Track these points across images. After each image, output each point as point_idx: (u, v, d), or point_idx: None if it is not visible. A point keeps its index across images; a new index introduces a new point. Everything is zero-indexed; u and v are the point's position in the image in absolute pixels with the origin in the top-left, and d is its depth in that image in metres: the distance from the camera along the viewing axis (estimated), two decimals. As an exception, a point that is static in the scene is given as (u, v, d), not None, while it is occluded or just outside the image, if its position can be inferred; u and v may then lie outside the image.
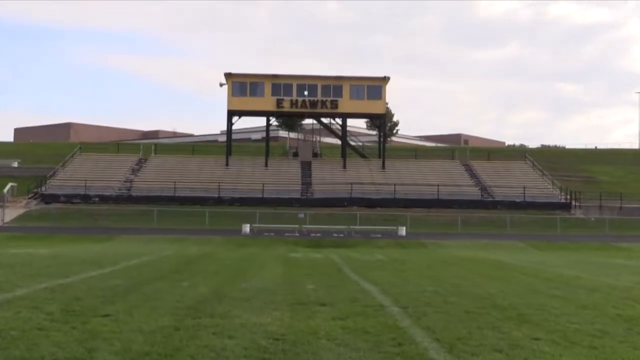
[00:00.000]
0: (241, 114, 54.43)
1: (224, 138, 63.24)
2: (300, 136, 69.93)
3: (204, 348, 6.43)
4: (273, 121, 59.11)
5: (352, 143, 58.74)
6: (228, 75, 52.91)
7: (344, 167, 53.63)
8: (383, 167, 53.66)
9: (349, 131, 57.37)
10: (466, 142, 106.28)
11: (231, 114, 53.59)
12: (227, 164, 53.66)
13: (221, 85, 53.56)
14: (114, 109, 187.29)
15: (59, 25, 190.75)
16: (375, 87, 53.30)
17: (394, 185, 48.34)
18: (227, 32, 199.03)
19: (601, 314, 9.01)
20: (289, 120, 68.90)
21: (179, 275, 13.93)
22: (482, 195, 49.29)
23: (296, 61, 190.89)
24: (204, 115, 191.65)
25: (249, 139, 78.83)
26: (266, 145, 55.33)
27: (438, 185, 48.40)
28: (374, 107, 53.77)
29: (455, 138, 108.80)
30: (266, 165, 53.71)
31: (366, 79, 53.75)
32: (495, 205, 47.79)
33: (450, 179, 51.46)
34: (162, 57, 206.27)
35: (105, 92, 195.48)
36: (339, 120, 55.72)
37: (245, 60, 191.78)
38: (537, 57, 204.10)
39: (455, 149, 65.15)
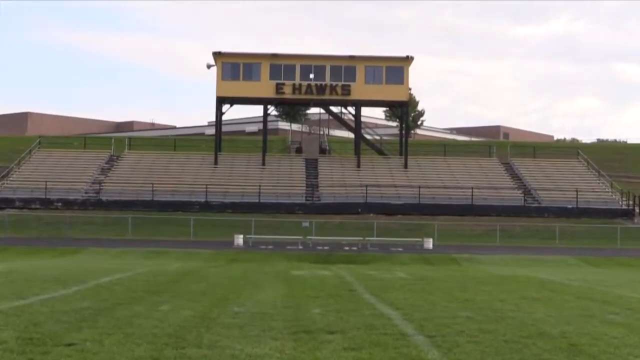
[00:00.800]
0: (233, 101, 54.51)
1: (212, 131, 63.49)
2: (305, 128, 70.01)
3: (188, 384, 6.46)
4: (272, 110, 59.20)
5: (368, 137, 58.78)
6: (217, 55, 53.02)
7: (358, 165, 53.67)
8: (405, 166, 53.68)
9: (363, 122, 57.41)
10: (506, 135, 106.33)
11: (221, 101, 53.69)
12: (215, 162, 53.78)
13: (209, 66, 53.72)
14: (79, 96, 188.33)
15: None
16: (396, 68, 53.30)
17: (419, 188, 48.32)
18: (215, 2, 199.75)
19: (670, 345, 8.99)
20: (291, 110, 68.97)
21: (158, 296, 13.98)
22: (525, 200, 49.22)
23: (300, 37, 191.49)
24: (188, 103, 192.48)
25: (242, 132, 79.05)
26: (263, 139, 55.38)
27: (472, 188, 48.35)
28: (395, 93, 53.76)
29: (493, 131, 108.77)
30: (263, 163, 53.80)
31: (385, 59, 53.76)
32: (541, 212, 47.74)
33: (486, 181, 51.44)
34: (137, 33, 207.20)
35: (69, 76, 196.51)
36: (351, 109, 55.75)
37: (238, 36, 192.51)
38: (593, 32, 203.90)
39: (493, 144, 65.06)
